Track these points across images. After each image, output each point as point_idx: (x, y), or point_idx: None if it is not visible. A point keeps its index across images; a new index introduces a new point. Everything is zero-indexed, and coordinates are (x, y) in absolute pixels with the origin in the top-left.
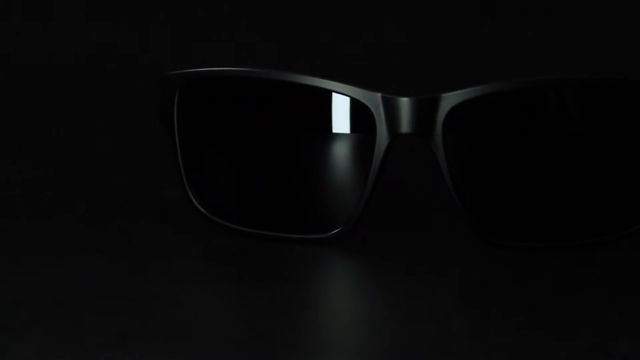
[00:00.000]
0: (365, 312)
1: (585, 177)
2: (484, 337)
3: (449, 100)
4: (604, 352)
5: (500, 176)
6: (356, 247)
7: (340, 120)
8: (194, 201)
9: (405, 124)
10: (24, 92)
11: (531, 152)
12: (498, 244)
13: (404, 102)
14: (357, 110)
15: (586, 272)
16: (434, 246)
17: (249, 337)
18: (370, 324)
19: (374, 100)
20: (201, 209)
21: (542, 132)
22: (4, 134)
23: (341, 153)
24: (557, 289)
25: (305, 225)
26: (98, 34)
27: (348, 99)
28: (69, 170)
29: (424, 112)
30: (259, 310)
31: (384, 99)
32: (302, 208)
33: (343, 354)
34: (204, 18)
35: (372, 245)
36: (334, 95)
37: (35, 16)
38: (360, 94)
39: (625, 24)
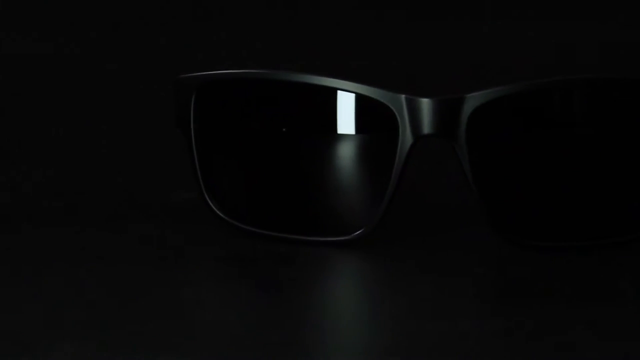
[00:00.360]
0: (370, 313)
1: (611, 177)
2: (487, 337)
3: (473, 100)
4: (609, 353)
5: (523, 176)
6: (366, 248)
7: (362, 121)
8: (211, 205)
9: (429, 125)
10: (24, 92)
11: (555, 152)
12: (521, 244)
13: (428, 103)
14: (380, 112)
15: (595, 273)
16: (443, 247)
17: (253, 338)
18: (373, 325)
19: (397, 101)
20: (219, 212)
21: (565, 132)
22: (4, 133)
23: (362, 155)
24: (557, 289)
25: (326, 227)
26: (98, 34)
27: (370, 100)
28: (69, 171)
29: (448, 113)
30: (265, 312)
31: (407, 100)
32: (324, 210)
33: (346, 355)
34: (203, 18)
35: (382, 246)
36: (356, 96)
37: (35, 16)
38: (383, 95)
39: (626, 24)
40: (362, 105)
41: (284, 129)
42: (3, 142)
